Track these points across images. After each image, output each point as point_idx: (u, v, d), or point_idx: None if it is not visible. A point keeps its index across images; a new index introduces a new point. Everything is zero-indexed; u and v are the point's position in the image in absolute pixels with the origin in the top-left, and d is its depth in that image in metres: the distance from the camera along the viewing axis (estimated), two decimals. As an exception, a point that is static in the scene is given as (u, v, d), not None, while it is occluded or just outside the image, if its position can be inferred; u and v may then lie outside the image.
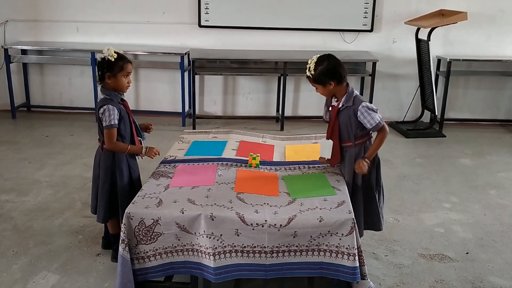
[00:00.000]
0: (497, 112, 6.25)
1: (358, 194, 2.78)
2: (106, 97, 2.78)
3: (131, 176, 2.90)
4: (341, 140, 2.79)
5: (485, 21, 5.87)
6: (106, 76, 2.75)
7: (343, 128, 2.75)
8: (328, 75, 2.67)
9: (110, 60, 2.71)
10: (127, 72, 2.78)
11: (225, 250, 2.33)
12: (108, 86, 2.78)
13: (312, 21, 5.86)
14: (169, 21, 5.92)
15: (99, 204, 2.88)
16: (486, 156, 5.05)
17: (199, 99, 6.17)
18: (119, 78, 2.76)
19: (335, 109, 2.75)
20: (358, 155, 2.75)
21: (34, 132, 5.53)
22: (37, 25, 6.02)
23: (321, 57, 2.71)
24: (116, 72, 2.74)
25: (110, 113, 2.71)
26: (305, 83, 6.12)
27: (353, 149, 2.77)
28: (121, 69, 2.74)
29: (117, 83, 2.77)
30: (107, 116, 2.72)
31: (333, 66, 2.68)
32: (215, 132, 3.67)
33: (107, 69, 2.74)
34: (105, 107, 2.72)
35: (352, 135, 2.75)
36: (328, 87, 2.70)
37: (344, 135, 2.77)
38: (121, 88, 2.80)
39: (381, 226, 2.89)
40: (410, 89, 6.08)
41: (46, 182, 4.14)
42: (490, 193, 4.11)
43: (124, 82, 2.79)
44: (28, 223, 3.43)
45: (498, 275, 2.93)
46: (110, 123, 2.72)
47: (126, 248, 2.36)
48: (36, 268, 2.91)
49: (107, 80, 2.77)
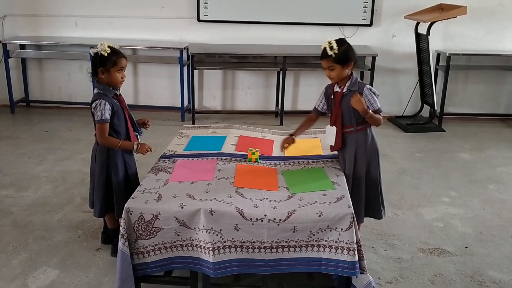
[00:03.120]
0: (496, 107, 6.24)
1: (360, 181, 2.82)
2: (99, 91, 2.77)
3: (127, 172, 2.89)
4: (343, 126, 2.81)
5: (485, 15, 5.85)
6: (99, 71, 2.74)
7: (346, 113, 2.78)
8: (350, 55, 2.72)
9: (103, 54, 2.69)
10: (120, 67, 2.75)
11: (224, 245, 2.33)
12: (102, 81, 2.77)
13: (311, 16, 5.84)
14: (168, 15, 5.90)
15: (95, 198, 2.88)
16: (486, 151, 5.05)
17: (198, 94, 6.16)
18: (113, 73, 2.74)
19: (339, 95, 2.77)
20: (358, 141, 2.79)
21: (33, 127, 5.52)
22: (36, 20, 6.00)
23: (339, 40, 2.75)
24: (109, 67, 2.72)
25: (102, 108, 2.70)
26: (304, 78, 6.13)
27: (354, 135, 2.80)
28: (114, 64, 2.72)
29: (111, 78, 2.75)
30: (98, 111, 2.71)
31: (352, 48, 2.76)
32: (214, 127, 3.67)
33: (100, 64, 2.72)
34: (97, 102, 2.71)
35: (354, 120, 2.78)
36: (346, 67, 2.73)
37: (346, 120, 2.79)
38: (115, 83, 2.78)
39: (381, 214, 2.95)
40: (410, 83, 6.07)
41: (46, 177, 4.14)
42: (489, 188, 4.12)
43: (118, 77, 2.77)
44: (28, 218, 3.43)
45: (497, 269, 2.94)
46: (102, 118, 2.70)
47: (125, 243, 2.36)
48: (36, 263, 2.91)
49: (100, 75, 2.75)
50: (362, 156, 2.81)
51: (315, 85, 6.06)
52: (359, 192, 2.82)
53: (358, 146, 2.80)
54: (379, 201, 2.92)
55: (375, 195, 2.90)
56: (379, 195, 2.92)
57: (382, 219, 3.00)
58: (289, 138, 3.01)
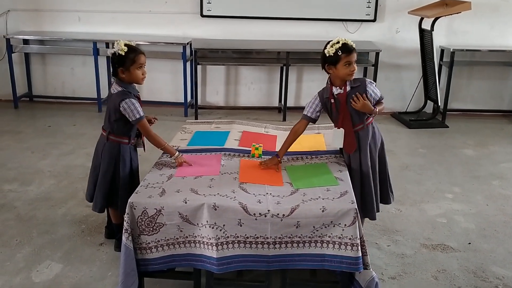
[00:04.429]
0: (500, 103, 6.22)
1: (374, 173, 2.85)
2: (124, 90, 2.73)
3: (132, 167, 2.90)
4: (354, 125, 2.79)
5: (489, 10, 5.82)
6: (119, 71, 2.71)
7: (353, 112, 2.77)
8: None
9: (120, 54, 2.66)
10: (140, 64, 2.71)
11: (227, 241, 2.33)
12: (124, 81, 2.74)
13: (315, 11, 5.82)
14: (171, 10, 5.89)
15: (97, 193, 2.87)
16: (489, 147, 5.04)
17: (201, 89, 6.16)
18: (133, 71, 2.71)
19: (343, 96, 2.75)
20: (370, 134, 2.81)
21: (37, 122, 5.53)
22: (39, 15, 6.00)
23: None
24: (128, 66, 2.69)
25: (132, 107, 2.68)
26: (308, 73, 6.12)
27: (365, 130, 2.80)
28: (133, 62, 2.69)
29: (131, 76, 2.72)
30: (130, 111, 2.69)
31: None
32: (217, 123, 3.67)
33: (119, 64, 2.69)
34: (127, 102, 2.68)
35: (362, 117, 2.78)
36: None
37: (355, 119, 2.78)
38: (136, 80, 2.76)
39: (390, 199, 3.04)
40: (413, 79, 6.06)
41: (49, 172, 4.15)
42: (492, 184, 4.11)
43: (139, 75, 2.74)
44: (31, 213, 3.45)
45: (500, 265, 2.94)
46: (138, 117, 2.70)
47: (129, 237, 2.36)
48: (40, 257, 2.93)
49: (121, 75, 2.72)
50: (376, 146, 2.85)
51: (318, 81, 6.00)
52: (376, 184, 2.85)
53: (371, 138, 2.82)
54: (388, 185, 2.98)
55: (385, 178, 2.95)
56: (388, 179, 2.98)
57: (391, 203, 3.05)
58: (274, 160, 2.83)
